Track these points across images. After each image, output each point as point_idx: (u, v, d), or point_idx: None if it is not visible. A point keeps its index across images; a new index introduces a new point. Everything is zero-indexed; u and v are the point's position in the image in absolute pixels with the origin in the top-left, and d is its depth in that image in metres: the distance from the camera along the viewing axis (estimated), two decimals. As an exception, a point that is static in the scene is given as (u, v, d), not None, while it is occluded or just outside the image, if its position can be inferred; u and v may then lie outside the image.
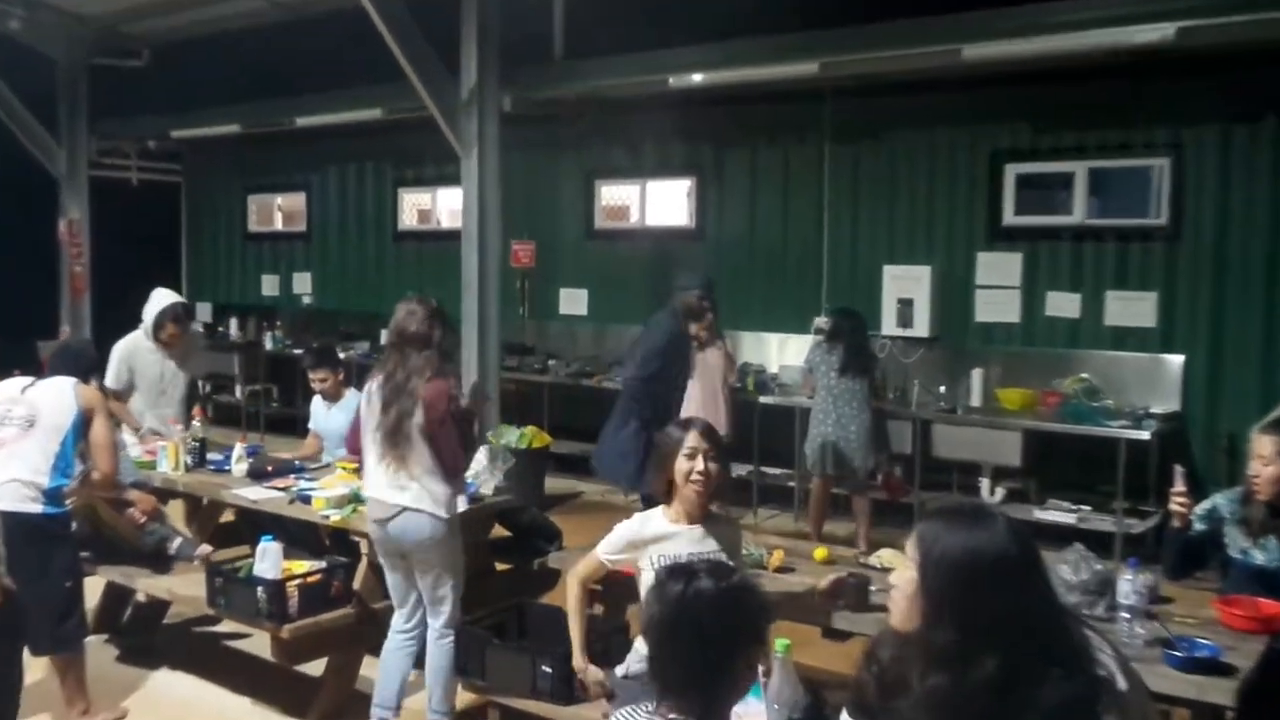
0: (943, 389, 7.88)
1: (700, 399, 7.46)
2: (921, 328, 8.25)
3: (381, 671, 4.41)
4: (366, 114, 10.16)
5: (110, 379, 6.43)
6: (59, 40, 11.60)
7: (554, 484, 9.02)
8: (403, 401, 4.15)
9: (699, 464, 3.37)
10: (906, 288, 8.30)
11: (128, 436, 6.54)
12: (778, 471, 8.54)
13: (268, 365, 11.83)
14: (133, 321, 6.55)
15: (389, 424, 4.16)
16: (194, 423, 6.27)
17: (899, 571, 2.01)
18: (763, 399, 8.28)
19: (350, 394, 6.47)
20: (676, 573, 2.14)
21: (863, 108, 8.57)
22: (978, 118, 8.13)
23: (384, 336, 9.85)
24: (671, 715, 2.05)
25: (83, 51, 11.77)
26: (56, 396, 4.66)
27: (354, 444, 4.45)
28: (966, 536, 1.89)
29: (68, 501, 4.62)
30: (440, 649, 4.29)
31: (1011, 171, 8.01)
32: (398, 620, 4.43)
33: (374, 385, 4.27)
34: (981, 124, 8.12)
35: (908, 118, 8.41)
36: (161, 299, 6.51)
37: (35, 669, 4.49)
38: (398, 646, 4.41)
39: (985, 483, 7.67)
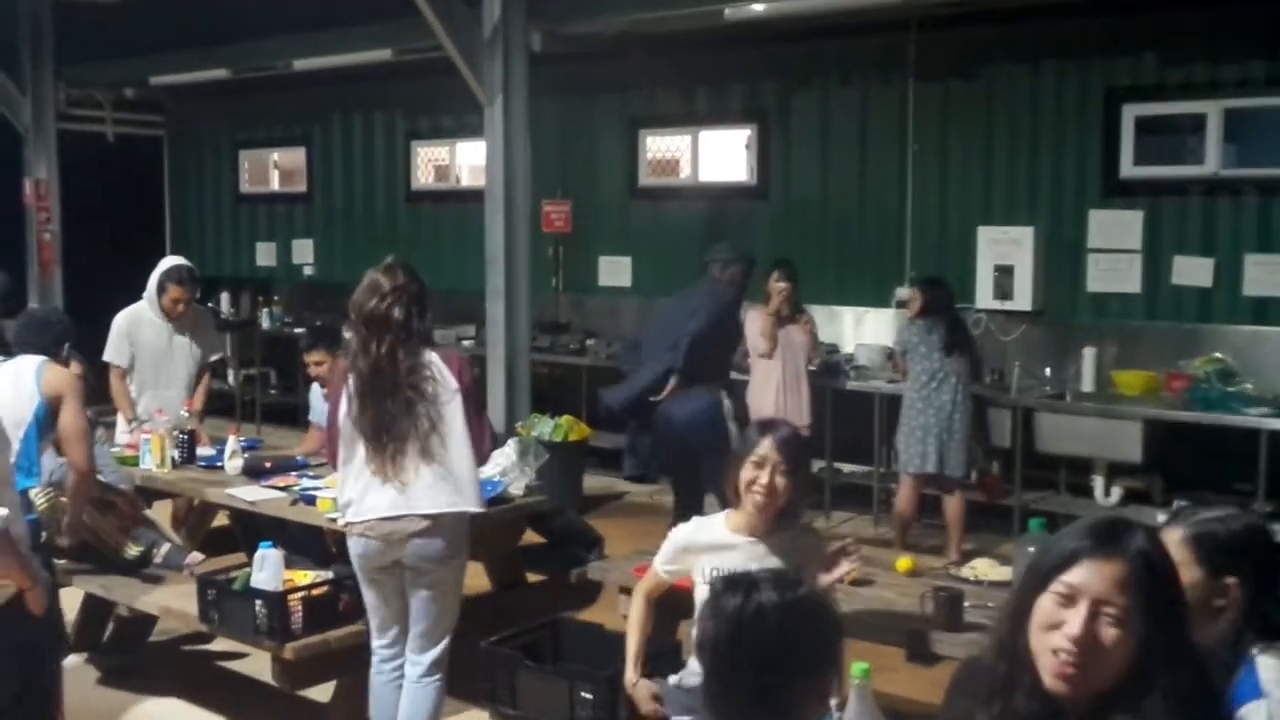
0: (1048, 371, 7.84)
1: (782, 380, 7.55)
2: (1023, 300, 8.21)
3: (378, 710, 4.39)
4: (374, 55, 10.23)
5: (112, 354, 6.58)
6: (21, -29, 11.76)
7: (593, 482, 9.09)
8: (407, 385, 4.11)
9: (764, 477, 3.45)
10: (1005, 253, 8.25)
11: (120, 425, 6.69)
12: (854, 468, 8.55)
13: (264, 346, 12.00)
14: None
15: (390, 416, 4.10)
16: (181, 413, 6.39)
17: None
18: (837, 383, 8.28)
19: None
20: (734, 584, 2.16)
21: (954, 40, 8.53)
22: (1091, 49, 8.06)
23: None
24: None
25: (48, -16, 11.92)
26: (14, 383, 4.72)
27: (333, 450, 4.31)
28: None
29: (37, 507, 4.71)
30: (429, 693, 4.25)
31: (1130, 113, 7.93)
32: (382, 644, 4.39)
33: (351, 385, 4.17)
34: (1095, 56, 8.05)
35: (1007, 50, 8.36)
36: (166, 261, 6.69)
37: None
38: (391, 679, 4.37)
39: (1099, 481, 7.62)
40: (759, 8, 8.25)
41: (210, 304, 12.81)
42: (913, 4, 7.79)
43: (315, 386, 6.59)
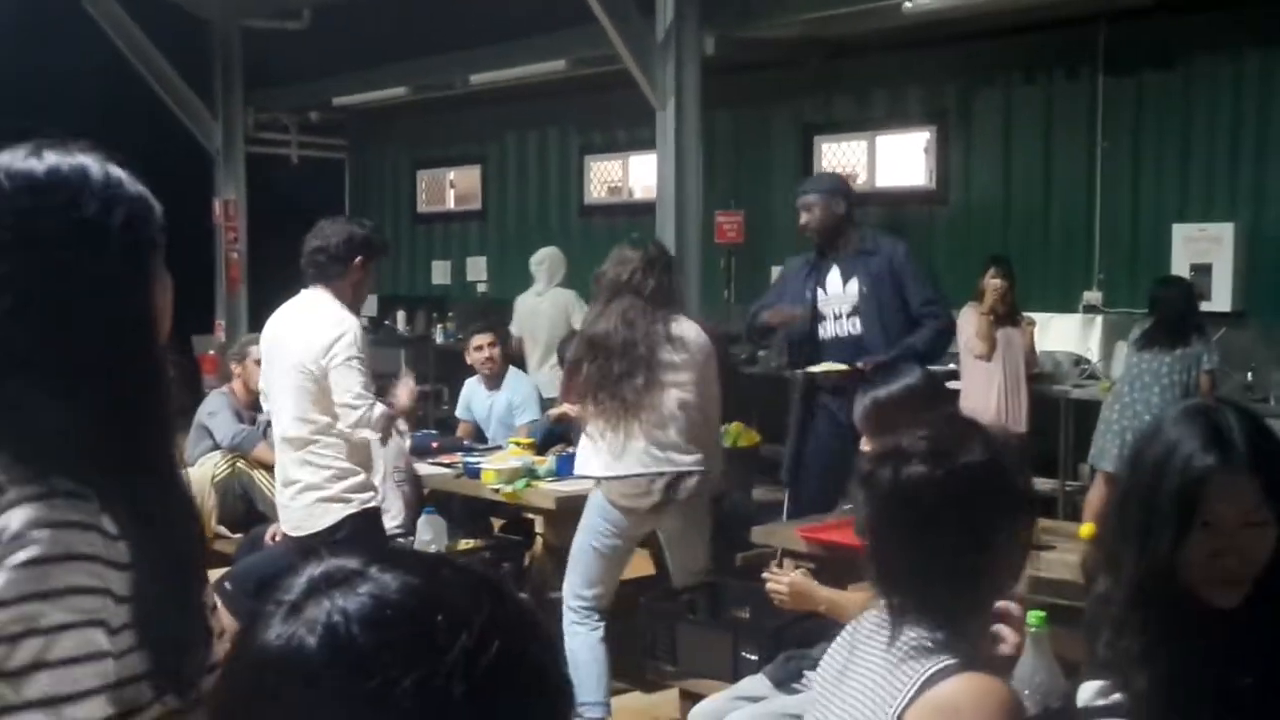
0: (1250, 375, 7.54)
1: (1002, 386, 7.31)
2: (1222, 300, 7.89)
3: (587, 669, 4.46)
4: (548, 67, 10.44)
5: None
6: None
7: (760, 494, 9.00)
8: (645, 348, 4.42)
9: None
10: (1203, 251, 7.95)
11: None
12: (1041, 480, 8.28)
13: (437, 362, 12.27)
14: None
15: (625, 367, 4.38)
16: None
17: None
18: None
19: (516, 378, 6.65)
20: (884, 459, 2.08)
21: (1148, 29, 8.30)
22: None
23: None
24: (910, 629, 2.00)
25: (239, 11, 12.51)
26: None
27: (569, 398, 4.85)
28: None
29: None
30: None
31: (1343, 100, 7.59)
32: (585, 606, 4.55)
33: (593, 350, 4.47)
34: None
35: (1205, 38, 8.09)
36: None
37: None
38: (597, 639, 4.51)
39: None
40: (939, 2, 8.16)
41: (386, 321, 13.23)
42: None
43: (470, 382, 6.71)
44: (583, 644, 4.49)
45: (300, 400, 4.27)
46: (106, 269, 1.47)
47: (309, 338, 4.30)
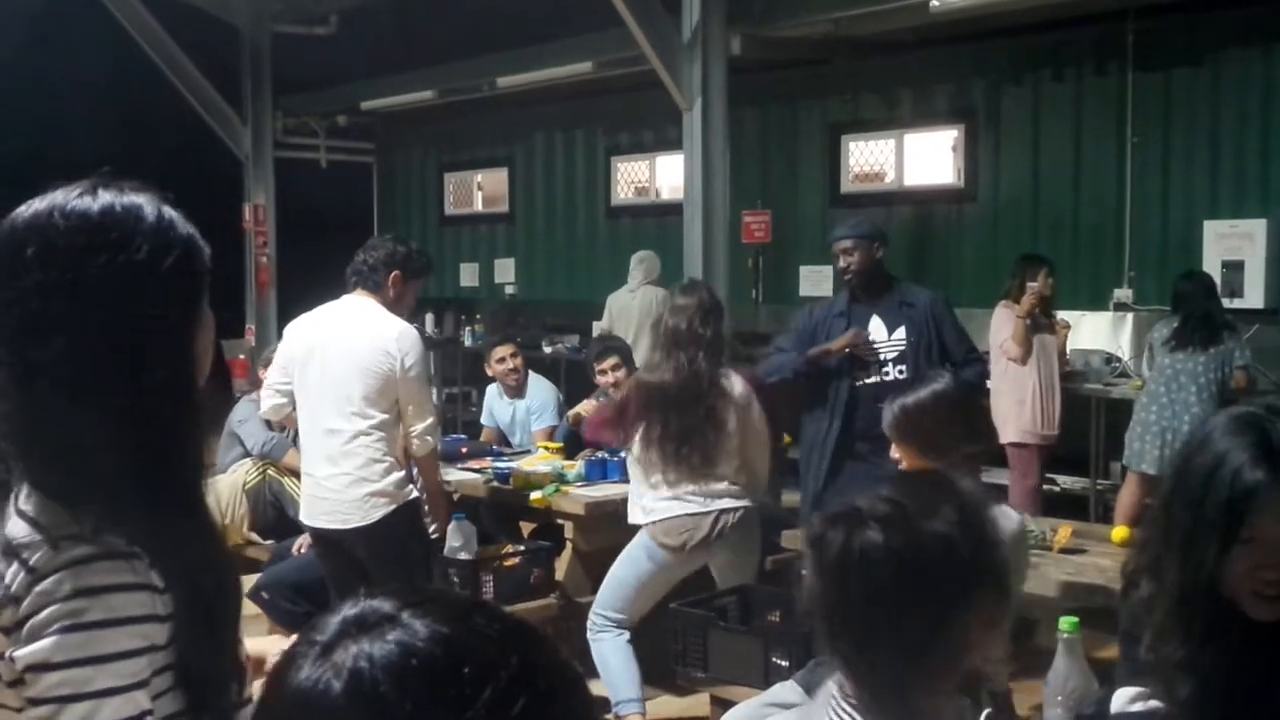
0: (1284, 373, 7.44)
1: (1036, 388, 7.22)
2: (1254, 297, 7.82)
3: (620, 670, 4.55)
4: (575, 69, 10.44)
5: None
6: (243, 5, 12.46)
7: (790, 499, 8.97)
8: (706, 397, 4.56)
9: None
10: (1235, 247, 7.88)
11: None
12: (1072, 479, 8.25)
13: (466, 365, 12.31)
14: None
15: (693, 421, 4.52)
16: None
17: None
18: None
19: (535, 383, 6.66)
20: (836, 521, 1.83)
21: (1177, 25, 8.23)
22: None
23: (595, 328, 10.26)
24: (851, 700, 1.78)
25: (268, 17, 12.58)
26: None
27: (601, 434, 5.05)
28: None
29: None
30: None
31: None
32: (612, 624, 4.63)
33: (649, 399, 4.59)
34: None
35: (1236, 34, 8.02)
36: None
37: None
38: (624, 641, 4.59)
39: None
40: (966, 0, 8.11)
41: (416, 324, 13.24)
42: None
43: (491, 390, 6.73)
44: (610, 647, 4.54)
45: (359, 395, 4.42)
46: (155, 310, 1.48)
47: (373, 335, 4.47)
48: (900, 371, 5.44)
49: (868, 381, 5.45)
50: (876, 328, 5.55)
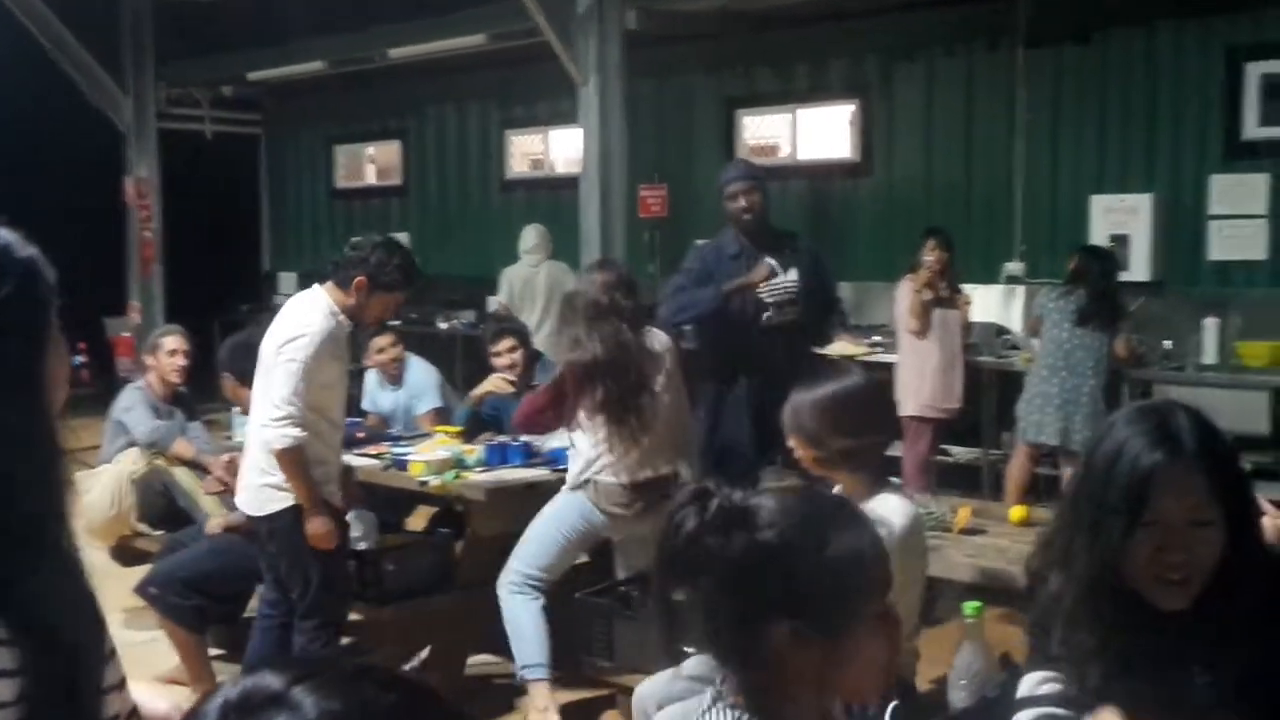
0: (1167, 343, 7.65)
1: (938, 363, 7.34)
2: (1139, 270, 7.99)
3: (532, 632, 4.52)
4: (468, 41, 10.28)
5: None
6: (121, -30, 12.04)
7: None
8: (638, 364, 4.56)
9: None
10: (1120, 221, 8.05)
11: None
12: (962, 450, 8.37)
13: (357, 344, 12.09)
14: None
15: (627, 388, 4.51)
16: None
17: None
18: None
19: (414, 366, 6.54)
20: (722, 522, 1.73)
21: (1068, 3, 8.36)
22: (1209, 7, 7.83)
23: (490, 303, 10.15)
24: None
25: (149, -17, 12.19)
26: None
27: (536, 423, 4.89)
28: None
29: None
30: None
31: (1255, 72, 7.68)
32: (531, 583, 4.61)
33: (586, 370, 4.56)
34: (1215, 13, 7.83)
35: (1122, 11, 8.16)
36: None
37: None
38: (539, 607, 4.58)
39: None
40: (860, -24, 8.16)
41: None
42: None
43: (370, 374, 6.61)
44: (524, 609, 4.51)
45: (265, 383, 4.33)
46: None
47: (277, 328, 4.37)
48: (794, 313, 5.61)
49: (776, 321, 5.55)
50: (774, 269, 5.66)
